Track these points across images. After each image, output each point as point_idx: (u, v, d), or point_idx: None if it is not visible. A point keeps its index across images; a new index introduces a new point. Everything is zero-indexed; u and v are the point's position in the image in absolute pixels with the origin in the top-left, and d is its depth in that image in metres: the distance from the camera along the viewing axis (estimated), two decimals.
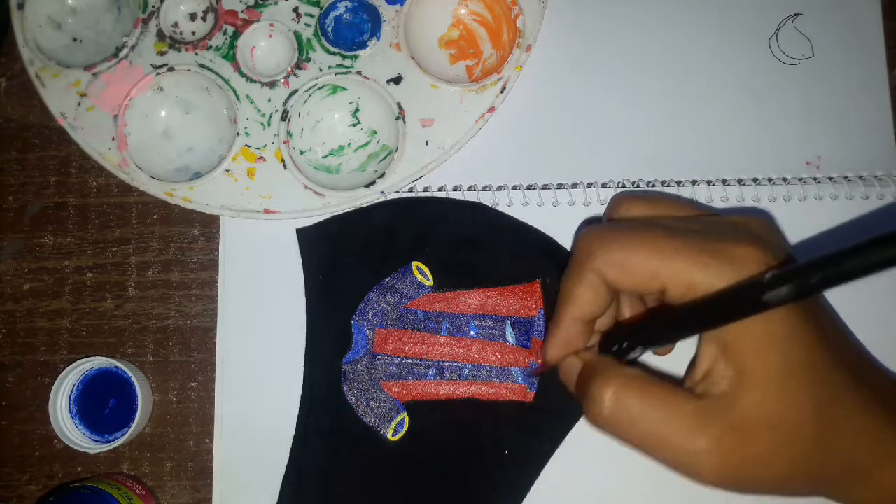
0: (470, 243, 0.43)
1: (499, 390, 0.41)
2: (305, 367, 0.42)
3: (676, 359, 0.38)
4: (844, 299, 0.38)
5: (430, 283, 0.43)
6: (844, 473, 0.31)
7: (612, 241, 0.32)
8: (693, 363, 0.32)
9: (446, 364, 0.42)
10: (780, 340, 0.29)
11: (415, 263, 0.43)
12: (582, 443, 0.41)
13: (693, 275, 0.30)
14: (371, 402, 0.42)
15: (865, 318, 0.41)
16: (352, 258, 0.43)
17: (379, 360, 0.42)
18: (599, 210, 0.43)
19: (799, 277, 0.26)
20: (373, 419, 0.42)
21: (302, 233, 0.44)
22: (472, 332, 0.42)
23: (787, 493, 0.32)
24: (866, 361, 0.34)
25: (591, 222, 0.43)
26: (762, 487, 0.31)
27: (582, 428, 0.41)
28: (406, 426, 0.42)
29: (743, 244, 0.30)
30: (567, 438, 0.41)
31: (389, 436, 0.41)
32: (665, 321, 0.33)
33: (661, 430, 0.30)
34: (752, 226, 0.33)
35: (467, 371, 0.42)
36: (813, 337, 0.30)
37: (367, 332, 0.42)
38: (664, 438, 0.30)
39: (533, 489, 0.41)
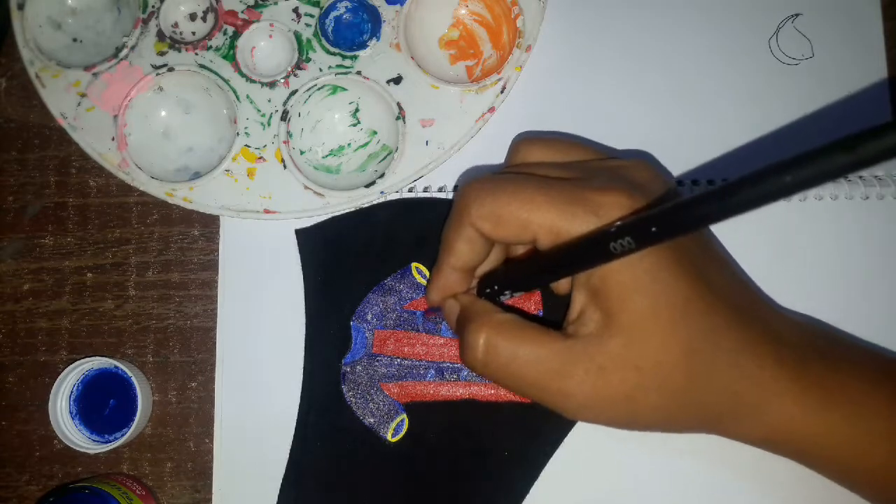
0: None
1: (498, 391, 0.41)
2: (305, 368, 0.42)
3: None
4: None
5: None
6: (726, 411, 0.32)
7: (486, 194, 0.33)
8: (568, 307, 0.33)
9: (445, 365, 0.42)
10: (646, 284, 0.30)
11: (414, 264, 0.43)
12: (582, 443, 0.41)
13: (559, 224, 0.31)
14: (370, 404, 0.42)
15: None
16: (351, 259, 0.43)
17: (378, 361, 0.42)
18: None
19: (637, 228, 0.27)
20: (372, 420, 0.42)
21: (301, 234, 0.44)
22: None
23: (666, 429, 0.33)
24: (754, 297, 0.35)
25: None
26: (636, 425, 0.32)
27: (582, 428, 0.41)
28: (406, 427, 0.42)
29: (611, 192, 0.31)
30: (567, 439, 0.41)
31: (389, 437, 0.42)
32: (526, 267, 0.34)
33: (530, 371, 0.31)
34: (632, 171, 0.33)
35: (466, 372, 0.42)
36: (685, 278, 0.30)
37: (367, 333, 0.42)
38: (534, 379, 0.31)
39: (533, 489, 0.41)
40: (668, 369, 0.30)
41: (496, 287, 0.35)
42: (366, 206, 0.44)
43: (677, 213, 0.25)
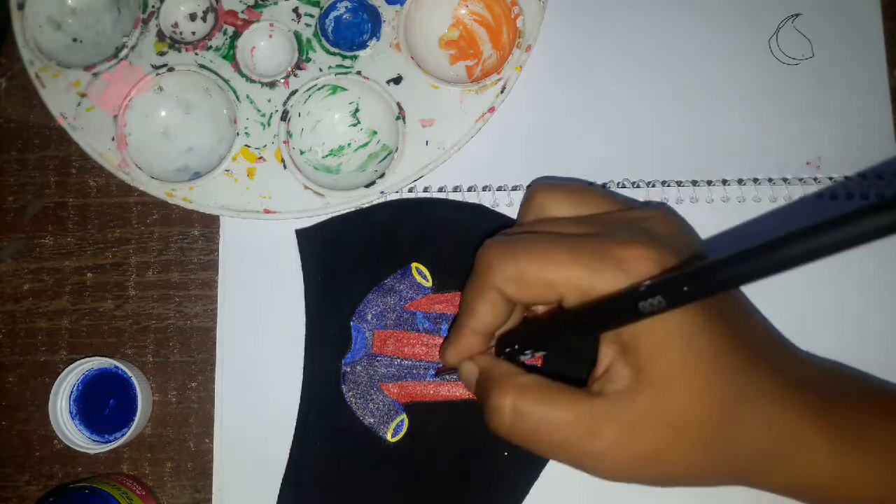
0: (469, 244, 0.43)
1: None
2: (305, 368, 0.42)
3: None
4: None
5: (430, 284, 0.43)
6: (755, 465, 0.31)
7: (508, 256, 0.32)
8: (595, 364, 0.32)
9: None
10: (677, 339, 0.29)
11: (414, 265, 0.43)
12: None
13: (586, 282, 0.30)
14: (370, 404, 0.42)
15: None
16: (351, 259, 0.43)
17: (378, 361, 0.42)
18: None
19: (669, 288, 0.26)
20: (372, 420, 0.42)
21: (301, 234, 0.44)
22: None
23: (696, 484, 0.32)
24: (782, 348, 0.34)
25: None
26: (667, 481, 0.31)
27: None
28: (405, 427, 0.42)
29: (635, 246, 0.30)
30: None
31: (389, 437, 0.42)
32: (550, 326, 0.33)
33: (559, 434, 0.30)
34: (654, 223, 0.33)
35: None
36: (716, 332, 0.30)
37: (367, 333, 0.42)
38: (564, 442, 0.30)
39: (533, 489, 0.41)
40: (699, 425, 0.30)
41: (517, 347, 0.34)
42: (366, 206, 0.44)
43: (710, 272, 0.25)
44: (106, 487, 0.39)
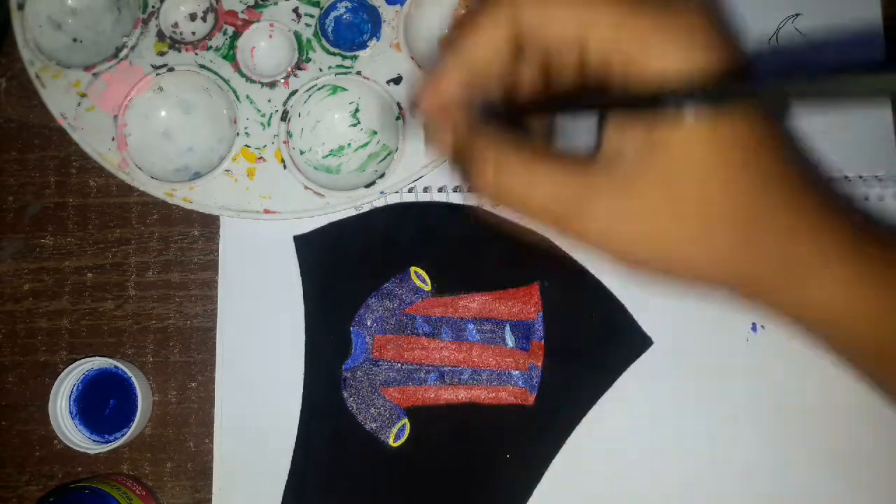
0: (467, 247, 0.43)
1: (499, 394, 0.41)
2: (305, 374, 0.42)
3: None
4: None
5: (429, 287, 0.43)
6: (766, 276, 0.27)
7: None
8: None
9: (446, 369, 0.42)
10: (711, 137, 0.25)
11: (413, 268, 0.43)
12: (583, 446, 0.41)
13: (621, 19, 0.25)
14: (372, 409, 0.42)
15: None
16: (350, 264, 0.43)
17: (379, 366, 0.42)
18: None
19: (706, 98, 0.23)
20: (374, 425, 0.42)
21: (299, 240, 0.44)
22: (471, 337, 0.42)
23: (693, 279, 0.28)
24: (825, 179, 0.30)
25: None
26: (668, 264, 0.27)
27: (583, 431, 0.41)
28: (407, 432, 0.42)
29: (691, 11, 0.25)
30: (568, 441, 0.41)
31: (391, 441, 0.42)
32: (557, 95, 0.29)
33: (548, 194, 0.26)
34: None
35: (467, 375, 0.42)
36: (758, 122, 0.26)
37: (367, 338, 0.42)
38: (552, 201, 0.26)
39: (535, 492, 0.41)
40: (712, 216, 0.26)
41: (499, 111, 0.29)
42: (364, 211, 0.44)
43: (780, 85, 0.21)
44: (106, 487, 0.39)
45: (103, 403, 0.42)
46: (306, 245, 0.44)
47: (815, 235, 0.27)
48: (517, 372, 0.42)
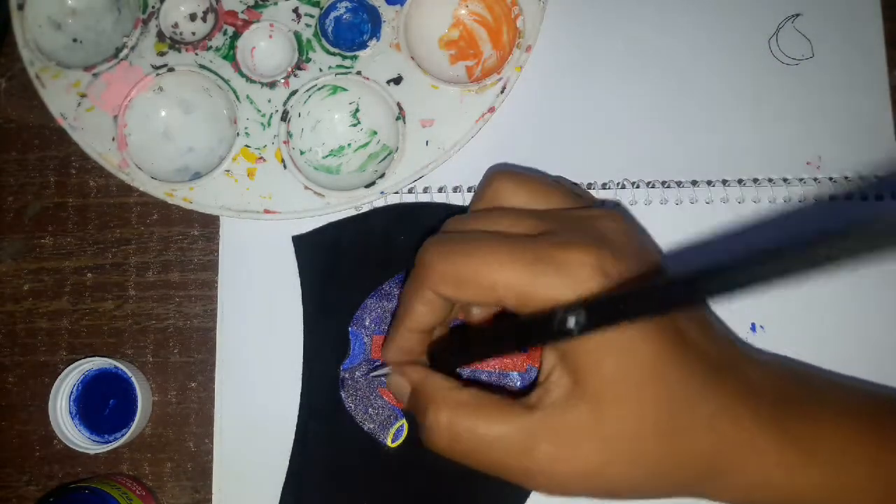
0: None
1: None
2: (304, 374, 0.42)
3: None
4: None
5: None
6: (705, 476, 0.30)
7: (446, 255, 0.31)
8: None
9: None
10: (617, 348, 0.28)
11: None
12: None
13: (523, 284, 0.29)
14: (370, 409, 0.42)
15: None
16: (349, 265, 0.43)
17: (377, 366, 0.42)
18: None
19: (595, 310, 0.26)
20: (372, 426, 0.42)
21: (298, 240, 0.44)
22: None
23: (644, 497, 0.31)
24: (731, 349, 0.33)
25: None
26: (612, 496, 0.30)
27: None
28: (405, 433, 0.42)
29: (575, 248, 0.29)
30: None
31: (389, 442, 0.41)
32: (483, 337, 0.33)
33: (495, 452, 0.29)
34: (601, 221, 0.32)
35: (465, 376, 0.42)
36: (659, 340, 0.29)
37: (365, 339, 0.42)
38: (500, 460, 0.29)
39: (533, 495, 0.41)
40: (639, 439, 0.29)
41: (451, 358, 0.34)
42: (363, 211, 0.44)
43: (615, 303, 0.25)
44: (106, 488, 0.39)
45: (103, 403, 0.42)
46: (305, 245, 0.44)
47: (736, 428, 0.30)
48: (516, 373, 0.42)
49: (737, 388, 0.30)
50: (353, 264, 0.43)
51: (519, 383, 0.41)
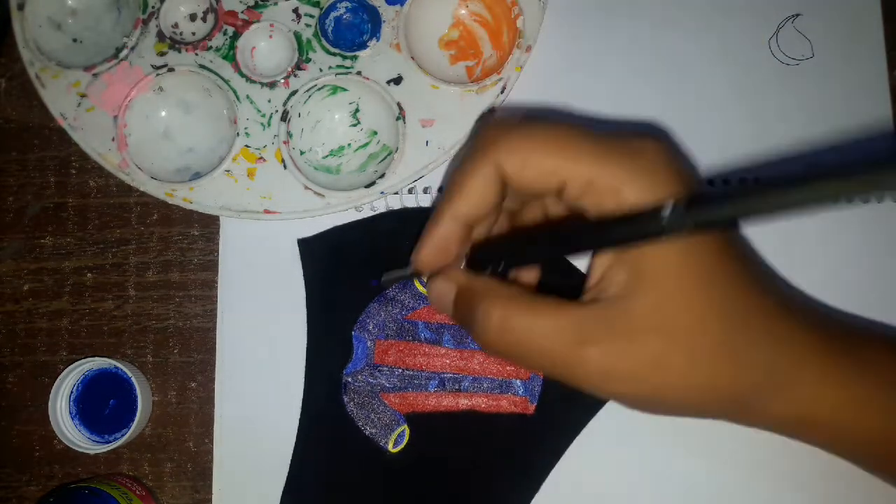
0: None
1: (500, 402, 0.41)
2: (306, 378, 0.42)
3: None
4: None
5: None
6: (761, 385, 0.29)
7: (515, 132, 0.29)
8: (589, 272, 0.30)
9: (447, 376, 0.42)
10: (680, 246, 0.27)
11: None
12: (584, 455, 0.41)
13: (593, 169, 0.28)
14: (372, 414, 0.42)
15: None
16: (353, 269, 0.43)
17: (379, 371, 0.42)
18: None
19: (701, 207, 0.24)
20: (373, 431, 0.42)
21: (303, 243, 0.44)
22: (473, 344, 0.42)
23: (694, 408, 0.29)
24: (783, 281, 0.33)
25: None
26: (662, 401, 0.29)
27: (583, 440, 0.41)
28: (407, 438, 0.42)
29: (649, 139, 0.28)
30: (568, 450, 0.41)
31: (390, 447, 0.41)
32: (543, 236, 0.31)
33: (547, 343, 0.28)
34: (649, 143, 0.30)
35: (468, 383, 0.42)
36: (724, 245, 0.28)
37: (368, 343, 0.42)
38: (551, 351, 0.28)
39: (533, 501, 0.41)
40: (699, 332, 0.27)
41: (497, 260, 0.31)
42: (369, 216, 0.43)
43: (757, 196, 0.23)
44: (106, 488, 0.39)
45: (103, 403, 0.42)
46: (310, 249, 0.43)
47: (793, 340, 0.29)
48: (518, 381, 0.42)
49: (793, 306, 0.30)
50: (358, 268, 0.43)
51: (522, 391, 0.41)
